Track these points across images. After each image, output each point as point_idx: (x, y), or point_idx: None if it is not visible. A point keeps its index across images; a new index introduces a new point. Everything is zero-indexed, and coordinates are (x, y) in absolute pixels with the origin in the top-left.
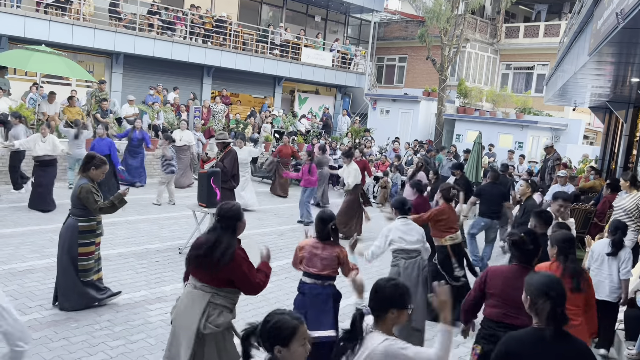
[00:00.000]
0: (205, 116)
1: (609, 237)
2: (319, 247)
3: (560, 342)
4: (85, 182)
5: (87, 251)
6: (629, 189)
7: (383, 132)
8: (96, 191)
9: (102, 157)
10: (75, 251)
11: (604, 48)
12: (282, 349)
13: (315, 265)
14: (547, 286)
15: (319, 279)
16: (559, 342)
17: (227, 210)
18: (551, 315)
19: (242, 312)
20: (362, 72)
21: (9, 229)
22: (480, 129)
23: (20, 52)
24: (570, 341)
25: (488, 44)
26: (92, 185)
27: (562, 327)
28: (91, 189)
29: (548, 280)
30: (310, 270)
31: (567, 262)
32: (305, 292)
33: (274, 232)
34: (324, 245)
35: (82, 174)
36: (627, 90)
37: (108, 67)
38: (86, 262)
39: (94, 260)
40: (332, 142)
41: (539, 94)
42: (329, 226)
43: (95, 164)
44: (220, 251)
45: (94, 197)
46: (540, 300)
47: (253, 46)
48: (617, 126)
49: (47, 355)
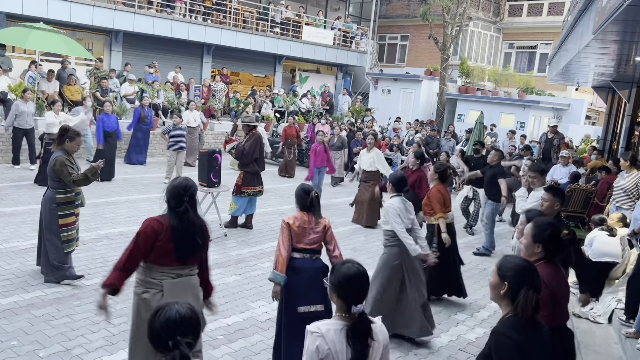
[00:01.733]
0: (206, 95)
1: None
2: (306, 221)
3: (540, 329)
4: (60, 155)
5: (68, 222)
6: (629, 168)
7: (384, 112)
8: (71, 164)
9: (76, 129)
10: (55, 225)
11: (609, 26)
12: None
13: (303, 240)
14: (530, 273)
15: (307, 253)
16: (539, 329)
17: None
18: (533, 303)
19: (244, 291)
20: (363, 50)
21: (10, 207)
22: (482, 108)
23: (19, 29)
24: (543, 326)
25: (491, 22)
26: (67, 157)
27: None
28: (65, 162)
29: (529, 266)
30: (299, 246)
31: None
32: (295, 266)
33: (275, 212)
34: (310, 218)
35: (57, 147)
36: (631, 70)
37: (107, 45)
38: (68, 232)
39: (75, 230)
40: (333, 121)
41: (542, 74)
42: (311, 195)
43: (69, 137)
44: (205, 227)
45: (67, 169)
46: (523, 288)
47: (253, 24)
48: (620, 106)
49: (50, 333)
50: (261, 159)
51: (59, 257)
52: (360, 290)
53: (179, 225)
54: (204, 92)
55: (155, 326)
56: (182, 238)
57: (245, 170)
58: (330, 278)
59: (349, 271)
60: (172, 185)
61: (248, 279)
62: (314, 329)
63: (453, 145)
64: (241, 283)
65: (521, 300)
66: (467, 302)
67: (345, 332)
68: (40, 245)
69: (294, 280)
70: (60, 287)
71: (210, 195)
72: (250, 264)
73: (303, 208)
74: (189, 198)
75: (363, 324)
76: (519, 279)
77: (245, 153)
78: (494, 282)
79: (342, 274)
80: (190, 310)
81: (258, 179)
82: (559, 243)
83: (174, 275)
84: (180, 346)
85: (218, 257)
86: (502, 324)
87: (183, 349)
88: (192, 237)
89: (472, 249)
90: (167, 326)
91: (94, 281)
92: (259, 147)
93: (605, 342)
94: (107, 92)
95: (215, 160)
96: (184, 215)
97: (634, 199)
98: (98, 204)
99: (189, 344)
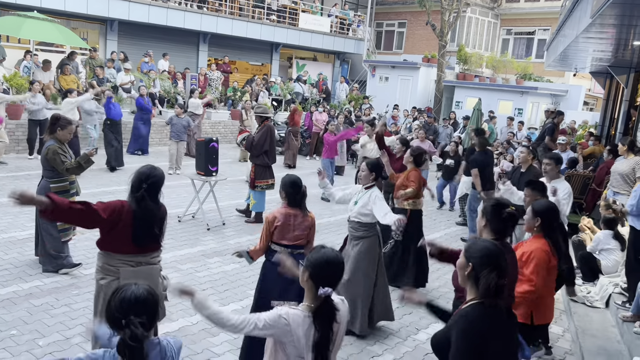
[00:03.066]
0: (202, 84)
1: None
2: (291, 216)
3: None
4: (52, 143)
5: None
6: (627, 153)
7: (382, 99)
8: (63, 152)
9: (68, 117)
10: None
11: (607, 10)
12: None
13: (286, 237)
14: (495, 256)
15: (288, 247)
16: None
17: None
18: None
19: (242, 279)
20: (360, 38)
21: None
22: (480, 95)
23: (12, 18)
24: (504, 312)
25: (488, 8)
26: (59, 146)
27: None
28: (57, 150)
29: (495, 249)
30: (282, 242)
31: (559, 243)
32: (274, 260)
33: (273, 200)
34: (296, 212)
35: (49, 136)
36: (629, 55)
37: (102, 34)
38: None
39: None
40: (330, 109)
41: (540, 60)
42: (303, 189)
43: (61, 125)
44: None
45: (60, 158)
46: (486, 270)
47: (250, 12)
48: (618, 91)
49: (49, 322)
50: (272, 151)
51: (55, 246)
52: (334, 276)
53: (137, 210)
54: (200, 80)
55: (110, 305)
56: (139, 223)
57: (255, 162)
58: (308, 257)
59: (329, 254)
60: (137, 170)
61: (247, 267)
62: (282, 313)
63: (450, 132)
64: (240, 271)
65: (482, 282)
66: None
67: (311, 317)
68: (38, 235)
69: (271, 273)
70: (58, 276)
71: (208, 184)
72: None
73: (291, 203)
74: (147, 186)
75: (329, 308)
76: (483, 261)
77: (254, 144)
78: (460, 262)
79: (321, 254)
80: (147, 291)
81: (269, 172)
82: (502, 219)
83: (133, 264)
84: (131, 325)
85: (216, 246)
86: (469, 308)
87: (134, 329)
88: (149, 224)
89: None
90: (120, 306)
91: (92, 270)
92: (269, 138)
93: (603, 326)
94: (104, 81)
95: (212, 149)
96: (140, 202)
97: (630, 183)
98: (96, 193)
99: (142, 324)
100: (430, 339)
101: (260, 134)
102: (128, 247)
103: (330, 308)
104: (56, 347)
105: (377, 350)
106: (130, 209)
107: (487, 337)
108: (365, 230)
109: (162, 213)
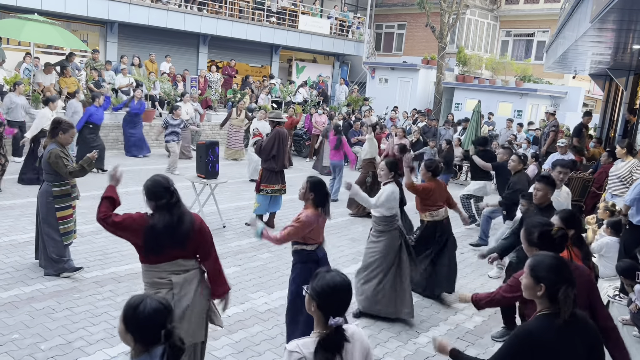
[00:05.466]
0: (202, 86)
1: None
2: (319, 217)
3: (577, 323)
4: (54, 147)
5: (65, 214)
6: (625, 156)
7: (382, 101)
8: (65, 155)
9: (69, 121)
10: (53, 218)
11: (606, 14)
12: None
13: (315, 238)
14: (564, 270)
15: (318, 245)
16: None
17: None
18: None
19: (243, 282)
20: (360, 39)
21: (8, 200)
22: (480, 97)
23: (13, 21)
24: (581, 320)
25: (488, 10)
26: (61, 149)
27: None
28: (60, 154)
29: (561, 263)
30: (310, 242)
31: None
32: (319, 257)
33: None
34: (320, 213)
35: (50, 140)
36: (628, 58)
37: (102, 36)
38: (66, 225)
39: (73, 223)
40: (330, 111)
41: (539, 62)
42: (327, 188)
43: (62, 129)
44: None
45: (63, 161)
46: (562, 286)
47: (249, 14)
48: (617, 94)
49: (51, 325)
50: (280, 156)
51: (57, 250)
52: (342, 302)
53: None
54: (200, 82)
55: (140, 320)
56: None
57: (263, 167)
58: (311, 285)
59: (334, 280)
60: (153, 179)
61: (247, 270)
62: (293, 348)
63: (452, 134)
64: (241, 274)
65: (561, 299)
66: (466, 291)
67: (315, 344)
68: (38, 239)
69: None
70: (60, 280)
71: (209, 187)
72: (249, 255)
73: (320, 203)
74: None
75: (336, 339)
76: (555, 279)
77: (263, 148)
78: (528, 283)
79: (326, 281)
80: (161, 299)
81: (277, 177)
82: (552, 241)
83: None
84: (172, 336)
85: (217, 249)
86: (533, 321)
87: (175, 340)
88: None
89: (468, 238)
90: (154, 317)
91: (93, 274)
92: (277, 143)
93: None
94: (99, 83)
95: (213, 152)
96: (172, 209)
97: (628, 186)
98: (96, 196)
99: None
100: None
101: (268, 139)
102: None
103: (339, 339)
104: (58, 351)
105: (377, 353)
106: (154, 218)
107: (538, 347)
108: (385, 224)
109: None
